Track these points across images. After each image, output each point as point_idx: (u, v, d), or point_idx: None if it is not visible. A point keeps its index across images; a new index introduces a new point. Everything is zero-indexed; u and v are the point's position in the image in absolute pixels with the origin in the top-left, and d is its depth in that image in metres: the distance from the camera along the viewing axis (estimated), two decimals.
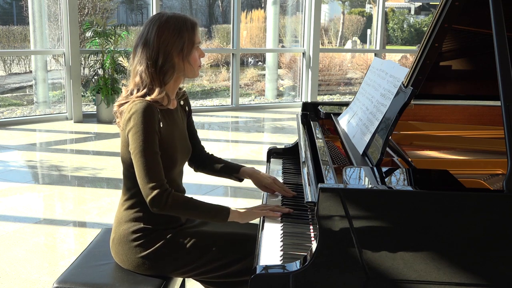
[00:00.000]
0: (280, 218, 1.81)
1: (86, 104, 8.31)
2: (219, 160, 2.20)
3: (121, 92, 1.90)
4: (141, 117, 1.75)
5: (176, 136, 1.90)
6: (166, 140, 1.84)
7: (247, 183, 2.20)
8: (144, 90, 1.81)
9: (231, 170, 2.17)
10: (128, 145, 1.81)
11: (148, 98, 1.79)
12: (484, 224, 1.37)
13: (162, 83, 1.82)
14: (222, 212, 1.82)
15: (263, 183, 2.11)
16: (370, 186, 1.49)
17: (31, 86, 8.63)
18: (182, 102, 2.04)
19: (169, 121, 1.88)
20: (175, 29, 1.80)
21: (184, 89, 2.06)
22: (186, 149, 2.00)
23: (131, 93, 1.84)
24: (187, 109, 2.08)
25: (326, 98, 10.49)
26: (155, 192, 1.73)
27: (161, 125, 1.81)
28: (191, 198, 1.83)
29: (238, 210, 1.85)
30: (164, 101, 1.84)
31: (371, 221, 1.37)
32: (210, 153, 2.22)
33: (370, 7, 14.06)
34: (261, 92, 10.18)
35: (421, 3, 16.88)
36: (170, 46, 1.80)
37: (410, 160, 1.75)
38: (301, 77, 8.82)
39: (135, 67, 1.83)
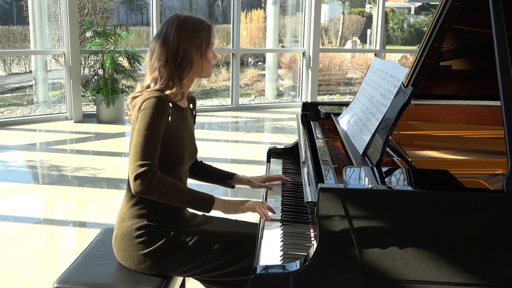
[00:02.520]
0: (280, 218, 1.82)
1: (86, 104, 8.31)
2: (209, 167, 2.23)
3: (136, 87, 1.94)
4: (152, 103, 1.79)
5: (185, 134, 1.93)
6: (175, 136, 1.86)
7: None
8: (162, 85, 1.85)
9: (224, 177, 2.21)
10: None
11: (166, 92, 1.84)
12: (484, 224, 1.37)
13: (180, 78, 1.88)
14: (206, 202, 1.83)
15: (259, 181, 2.18)
16: (370, 186, 1.49)
17: (31, 86, 8.63)
18: (191, 105, 2.07)
19: (179, 118, 1.91)
20: (194, 28, 1.87)
21: (193, 95, 2.11)
22: (193, 150, 2.03)
23: (148, 87, 1.88)
24: (194, 113, 2.12)
25: (326, 98, 10.49)
26: (142, 169, 1.73)
27: (170, 119, 1.84)
28: (177, 182, 1.82)
29: (224, 201, 1.88)
30: (177, 97, 1.89)
31: (371, 221, 1.37)
32: (199, 160, 2.23)
33: (370, 7, 14.06)
34: (261, 92, 10.18)
35: (421, 3, 16.88)
36: (189, 43, 1.86)
37: (410, 160, 1.75)
38: (301, 77, 8.82)
39: (153, 64, 1.88)
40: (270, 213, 1.85)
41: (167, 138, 1.82)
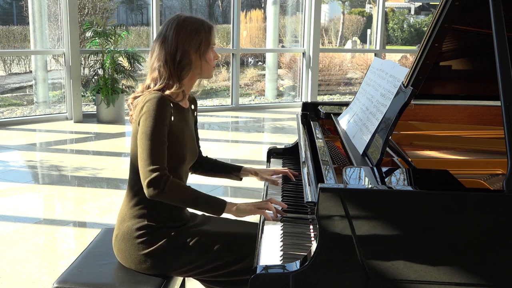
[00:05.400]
0: (280, 217, 1.82)
1: (86, 104, 8.31)
2: (216, 162, 2.25)
3: (138, 87, 1.95)
4: (154, 105, 1.79)
5: (186, 134, 1.93)
6: (176, 136, 1.86)
7: (246, 183, 2.21)
8: (162, 84, 1.85)
9: (232, 169, 2.24)
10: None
11: (166, 92, 1.84)
12: (484, 224, 1.37)
13: (179, 78, 1.88)
14: (218, 205, 1.85)
15: (266, 174, 2.21)
16: (370, 186, 1.49)
17: (31, 86, 8.63)
18: (192, 106, 2.08)
19: (181, 118, 1.91)
20: (193, 28, 1.87)
21: (194, 96, 2.11)
22: (194, 150, 2.03)
23: (148, 87, 1.88)
24: (195, 114, 2.13)
25: (326, 98, 10.49)
26: (154, 174, 1.74)
27: (172, 119, 1.84)
28: (189, 187, 1.85)
29: (235, 204, 1.88)
30: (178, 97, 1.89)
31: (371, 221, 1.37)
32: (205, 155, 2.26)
33: (370, 7, 14.05)
34: (261, 92, 10.18)
35: (421, 3, 16.88)
36: (188, 43, 1.86)
37: (410, 160, 1.75)
38: (301, 77, 8.82)
39: (153, 63, 1.89)
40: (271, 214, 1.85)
41: (169, 138, 1.83)
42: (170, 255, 1.85)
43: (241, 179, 2.26)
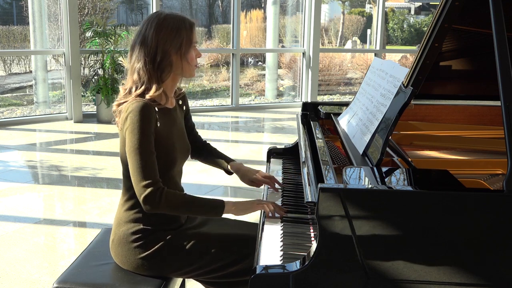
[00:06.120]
0: (280, 218, 1.82)
1: (86, 104, 8.31)
2: (212, 150, 2.23)
3: (119, 91, 1.91)
4: (137, 116, 1.75)
5: (174, 135, 1.90)
6: (165, 139, 1.84)
7: None
8: (142, 87, 1.81)
9: (221, 163, 2.21)
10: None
11: (147, 96, 1.80)
12: (484, 224, 1.37)
13: (159, 80, 1.83)
14: (217, 207, 1.83)
15: (249, 178, 2.15)
16: (370, 186, 1.49)
17: (31, 86, 8.63)
18: (180, 102, 2.05)
19: (167, 120, 1.88)
20: (174, 27, 1.81)
21: (183, 90, 2.07)
22: (185, 148, 2.00)
23: (130, 91, 1.84)
24: (184, 108, 2.09)
25: (326, 98, 10.49)
26: (148, 190, 1.73)
27: (158, 125, 1.81)
28: (185, 194, 1.83)
29: (233, 202, 1.87)
30: (161, 99, 1.85)
31: (371, 221, 1.37)
32: (206, 141, 2.25)
33: (370, 7, 14.05)
34: (261, 92, 10.18)
35: (421, 3, 16.88)
36: (168, 44, 1.80)
37: (410, 160, 1.75)
38: (301, 77, 8.82)
39: (133, 64, 1.84)
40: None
41: (158, 144, 1.80)
42: (167, 258, 1.85)
43: (230, 174, 2.22)
